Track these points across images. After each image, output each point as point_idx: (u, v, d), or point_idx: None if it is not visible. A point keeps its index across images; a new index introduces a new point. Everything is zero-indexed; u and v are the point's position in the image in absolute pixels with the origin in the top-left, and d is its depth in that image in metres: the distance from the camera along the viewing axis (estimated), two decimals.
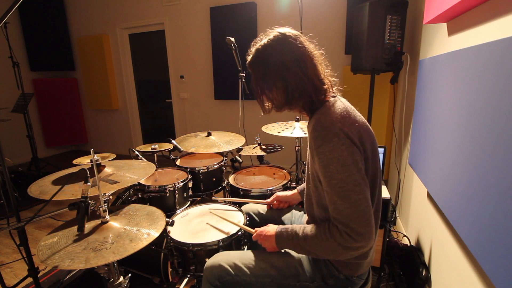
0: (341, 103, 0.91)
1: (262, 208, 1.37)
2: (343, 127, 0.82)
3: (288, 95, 0.91)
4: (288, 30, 0.92)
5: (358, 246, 0.81)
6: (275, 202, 1.34)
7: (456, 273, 1.10)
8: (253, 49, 0.94)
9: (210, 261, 1.05)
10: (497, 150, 0.77)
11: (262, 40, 0.93)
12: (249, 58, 0.95)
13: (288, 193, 1.33)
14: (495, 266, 0.76)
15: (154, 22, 4.16)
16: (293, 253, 1.03)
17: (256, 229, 1.09)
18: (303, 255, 1.01)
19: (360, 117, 0.91)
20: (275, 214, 1.32)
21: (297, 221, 1.26)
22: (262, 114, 1.03)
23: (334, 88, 0.96)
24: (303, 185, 1.30)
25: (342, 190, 0.80)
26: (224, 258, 1.04)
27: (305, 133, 1.81)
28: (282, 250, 1.05)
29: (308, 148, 0.99)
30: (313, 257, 0.99)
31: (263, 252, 1.05)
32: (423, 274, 1.46)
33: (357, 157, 0.81)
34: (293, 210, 1.33)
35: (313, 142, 0.84)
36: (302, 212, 1.29)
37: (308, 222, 1.06)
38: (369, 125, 0.92)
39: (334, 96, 0.95)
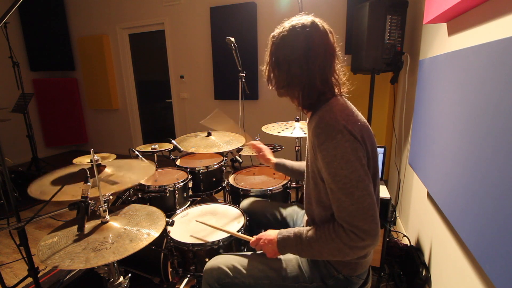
0: (343, 102, 0.92)
1: (262, 206, 1.36)
2: (347, 124, 0.82)
3: (287, 80, 0.92)
4: (320, 23, 0.92)
5: (365, 244, 0.80)
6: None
7: (456, 273, 1.10)
8: (284, 26, 0.94)
9: (209, 264, 1.05)
10: (497, 150, 0.77)
11: (292, 21, 0.93)
12: (276, 30, 0.95)
13: (269, 157, 1.45)
14: (495, 266, 0.76)
15: (154, 22, 4.16)
16: (291, 255, 1.02)
17: (254, 236, 1.06)
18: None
19: (361, 117, 0.92)
20: (276, 212, 1.32)
21: (299, 219, 1.26)
22: (270, 88, 1.02)
23: (341, 89, 0.95)
24: (282, 160, 1.41)
25: (346, 186, 0.80)
26: (223, 260, 1.04)
27: (305, 133, 1.81)
28: None
29: (307, 146, 0.98)
30: (318, 259, 0.98)
31: (261, 254, 1.05)
32: (423, 274, 1.46)
33: (360, 154, 0.81)
34: (295, 207, 1.33)
35: (316, 139, 0.84)
36: (304, 210, 1.29)
37: (308, 223, 1.06)
38: (369, 126, 0.92)
39: (338, 96, 0.94)
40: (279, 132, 1.84)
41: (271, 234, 1.00)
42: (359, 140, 0.82)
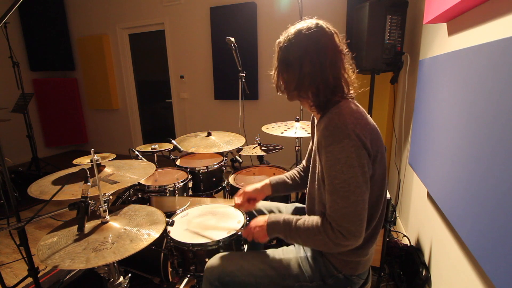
0: (354, 105, 0.92)
1: (264, 206, 1.36)
2: (356, 128, 0.82)
3: (299, 80, 0.91)
4: (325, 25, 0.92)
5: (348, 243, 0.85)
6: (239, 201, 1.22)
7: (456, 273, 1.10)
8: (289, 31, 0.94)
9: (210, 262, 1.06)
10: (497, 150, 0.77)
11: (297, 26, 0.93)
12: (281, 37, 0.95)
13: (258, 185, 1.22)
14: (495, 266, 0.76)
15: (154, 22, 4.16)
16: (292, 253, 1.04)
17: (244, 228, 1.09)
18: (302, 255, 1.02)
19: (371, 119, 0.92)
20: (276, 211, 1.32)
21: None
22: (278, 93, 1.02)
23: (351, 91, 0.96)
24: (276, 177, 1.26)
25: (343, 190, 0.81)
26: (224, 258, 1.05)
27: (308, 133, 1.81)
28: (281, 250, 1.06)
29: (314, 147, 0.99)
30: (302, 246, 1.04)
31: (262, 253, 1.06)
32: (423, 274, 1.46)
33: (364, 160, 0.82)
34: (295, 206, 1.33)
35: (323, 140, 0.85)
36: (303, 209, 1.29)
37: None
38: (378, 128, 0.92)
39: (348, 98, 0.95)
40: (282, 133, 1.84)
41: (261, 220, 1.04)
42: (366, 144, 0.83)
